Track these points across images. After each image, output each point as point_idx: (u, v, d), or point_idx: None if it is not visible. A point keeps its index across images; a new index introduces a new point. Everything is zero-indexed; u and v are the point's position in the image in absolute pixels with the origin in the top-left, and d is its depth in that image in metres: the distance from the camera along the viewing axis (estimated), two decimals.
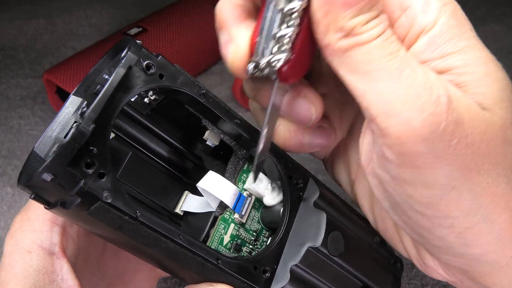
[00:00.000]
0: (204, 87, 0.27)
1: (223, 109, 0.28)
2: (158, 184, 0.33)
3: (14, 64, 0.66)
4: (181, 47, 0.62)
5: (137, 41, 0.25)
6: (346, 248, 0.30)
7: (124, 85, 0.24)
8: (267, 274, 0.28)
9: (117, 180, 0.23)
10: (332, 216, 0.31)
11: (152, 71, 0.25)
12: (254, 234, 0.31)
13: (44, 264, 0.26)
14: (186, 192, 0.33)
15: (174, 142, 0.33)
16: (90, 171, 0.22)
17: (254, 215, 0.31)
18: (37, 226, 0.26)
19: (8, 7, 0.73)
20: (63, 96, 0.58)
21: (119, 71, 0.24)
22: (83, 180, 0.22)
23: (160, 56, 0.26)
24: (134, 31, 0.61)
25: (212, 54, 0.66)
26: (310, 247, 0.29)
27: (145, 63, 0.25)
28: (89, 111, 0.22)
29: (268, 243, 0.31)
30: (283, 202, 0.30)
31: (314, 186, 0.31)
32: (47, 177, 0.21)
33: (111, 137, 0.27)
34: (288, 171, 0.30)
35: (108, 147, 0.23)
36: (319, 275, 0.30)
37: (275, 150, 0.30)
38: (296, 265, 0.29)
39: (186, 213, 0.33)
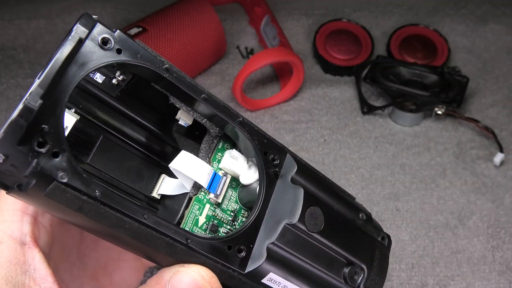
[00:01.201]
0: (167, 62, 0.26)
1: (189, 83, 0.27)
2: (133, 168, 0.31)
3: (14, 64, 0.66)
4: (181, 47, 0.62)
5: (93, 16, 0.24)
6: (326, 224, 0.29)
7: (77, 60, 0.23)
8: (242, 254, 0.27)
9: (74, 160, 0.22)
10: (311, 191, 0.30)
11: (109, 46, 0.24)
12: (232, 214, 0.30)
13: (15, 255, 0.26)
14: (163, 175, 0.32)
15: (148, 125, 0.32)
16: (43, 150, 0.21)
17: (231, 195, 0.30)
18: (7, 216, 0.26)
19: (8, 7, 0.73)
20: None
21: (67, 45, 0.22)
22: (36, 160, 0.21)
23: (118, 31, 0.24)
24: (134, 31, 0.61)
25: (212, 54, 0.66)
26: (286, 223, 0.28)
27: (100, 37, 0.24)
28: (34, 85, 0.21)
29: (243, 222, 0.30)
30: (259, 178, 0.29)
31: (292, 162, 0.30)
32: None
33: (76, 119, 0.26)
34: (263, 147, 0.29)
35: (62, 125, 0.22)
36: (298, 252, 0.29)
37: (248, 125, 0.29)
38: (272, 243, 0.28)
39: (164, 196, 0.32)
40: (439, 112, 0.63)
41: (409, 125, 0.64)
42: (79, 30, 0.23)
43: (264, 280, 0.28)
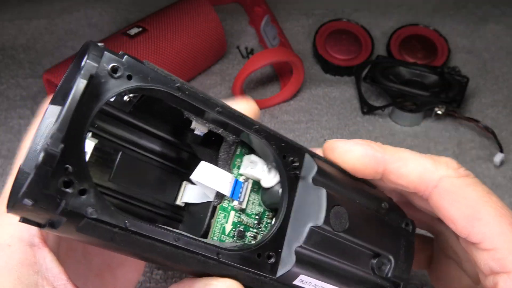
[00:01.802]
0: (178, 80, 0.26)
1: (202, 99, 0.27)
2: (154, 179, 0.32)
3: (14, 64, 0.66)
4: (181, 47, 0.62)
5: (99, 44, 0.24)
6: (351, 222, 0.29)
7: (91, 94, 0.23)
8: (271, 260, 0.28)
9: (100, 194, 0.23)
10: (333, 190, 0.30)
11: (119, 74, 0.24)
12: (257, 217, 0.31)
13: (26, 256, 0.26)
14: (185, 182, 0.32)
15: (164, 135, 0.32)
16: (70, 190, 0.21)
17: (254, 199, 0.31)
18: (14, 218, 0.27)
19: (8, 7, 0.73)
20: None
21: (79, 83, 0.22)
22: (64, 200, 0.21)
23: (126, 56, 0.25)
24: (134, 31, 0.61)
25: (212, 54, 0.66)
26: (312, 226, 0.28)
27: (109, 66, 0.24)
28: (54, 130, 0.21)
29: (269, 228, 0.30)
30: (280, 183, 0.29)
31: (311, 162, 0.30)
32: (28, 202, 0.20)
33: (95, 143, 0.27)
34: (281, 150, 0.29)
35: (85, 162, 0.22)
36: (326, 252, 0.29)
37: (265, 132, 0.29)
38: (300, 246, 0.28)
39: (188, 204, 0.32)
40: (439, 112, 0.63)
41: (409, 125, 0.64)
42: (89, 66, 0.23)
43: (296, 282, 0.29)
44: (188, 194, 0.32)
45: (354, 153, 0.31)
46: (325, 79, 0.69)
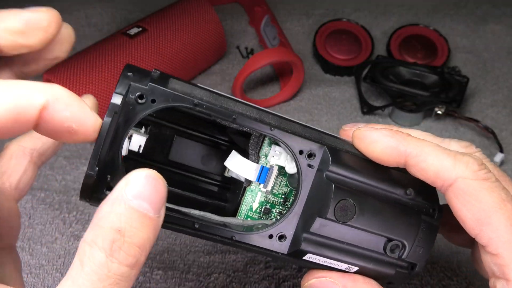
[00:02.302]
0: (195, 97, 0.30)
1: (218, 110, 0.31)
2: (205, 155, 0.39)
3: None
4: (181, 47, 0.62)
5: (128, 74, 0.29)
6: (359, 213, 0.32)
7: (122, 119, 0.28)
8: (282, 240, 0.32)
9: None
10: (345, 183, 0.33)
11: (144, 100, 0.29)
12: (283, 196, 0.36)
13: None
14: (233, 151, 0.36)
15: (209, 125, 0.39)
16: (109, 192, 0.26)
17: (281, 180, 0.35)
18: None
19: (8, 7, 0.73)
20: None
21: (106, 121, 0.28)
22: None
23: (149, 84, 0.29)
24: (134, 31, 0.61)
25: (212, 54, 0.66)
26: (318, 217, 0.31)
27: (136, 95, 0.29)
28: (90, 158, 0.28)
29: (283, 214, 0.35)
30: (297, 174, 0.33)
31: (328, 156, 0.32)
32: (84, 200, 0.29)
33: (146, 137, 0.32)
34: (297, 146, 0.32)
35: (122, 170, 0.28)
36: (332, 238, 0.32)
37: (281, 132, 0.32)
38: (308, 232, 0.32)
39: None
40: (439, 112, 0.63)
41: (409, 125, 0.64)
42: (112, 106, 0.28)
43: (305, 258, 0.33)
44: (230, 171, 0.37)
45: (379, 144, 0.32)
46: (325, 79, 0.69)
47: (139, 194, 0.25)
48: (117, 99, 0.28)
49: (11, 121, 0.25)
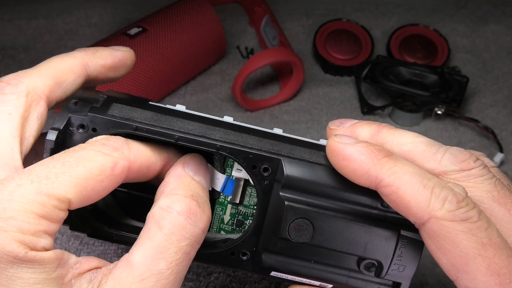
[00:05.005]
0: (135, 121, 0.30)
1: (160, 132, 0.30)
2: None
3: (14, 64, 0.66)
4: (181, 47, 0.62)
5: (69, 106, 0.30)
6: (318, 231, 0.30)
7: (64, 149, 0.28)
8: (245, 257, 0.32)
9: None
10: (300, 201, 0.30)
11: (85, 129, 0.30)
12: (255, 207, 0.34)
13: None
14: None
15: None
16: None
17: (251, 192, 0.34)
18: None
19: (8, 7, 0.73)
20: None
21: (44, 158, 0.28)
22: None
23: (89, 114, 0.30)
24: (134, 31, 0.61)
25: (212, 54, 0.66)
26: (274, 236, 0.30)
27: (76, 125, 0.30)
28: None
29: (242, 232, 0.34)
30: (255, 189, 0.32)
31: (283, 170, 0.30)
32: None
33: None
34: (249, 162, 0.30)
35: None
36: (292, 257, 0.31)
37: (228, 148, 0.30)
38: (267, 250, 0.31)
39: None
40: (439, 112, 0.63)
41: (409, 125, 0.64)
42: (48, 142, 0.29)
43: (272, 274, 0.32)
44: None
45: (351, 164, 0.28)
46: (325, 79, 0.69)
47: (196, 171, 0.30)
48: (52, 135, 0.29)
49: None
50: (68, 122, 0.30)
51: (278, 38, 0.70)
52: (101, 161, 0.27)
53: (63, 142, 0.30)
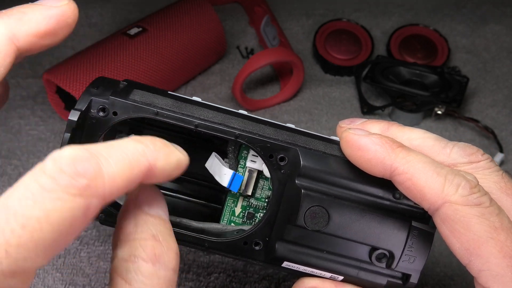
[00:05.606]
0: (156, 106, 0.31)
1: (179, 118, 0.31)
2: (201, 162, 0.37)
3: (14, 64, 0.66)
4: (181, 47, 0.62)
5: (91, 89, 0.30)
6: (334, 220, 0.30)
7: (88, 134, 0.30)
8: (257, 247, 0.31)
9: None
10: (316, 189, 0.31)
11: (105, 113, 0.30)
12: (266, 200, 0.35)
13: None
14: (213, 153, 0.35)
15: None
16: None
17: (263, 184, 0.35)
18: None
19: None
20: (63, 96, 0.58)
21: (65, 137, 0.29)
22: None
23: (110, 97, 0.30)
24: (134, 31, 0.61)
25: (212, 54, 0.66)
26: (289, 225, 0.31)
27: (98, 108, 0.30)
28: None
29: (257, 221, 0.34)
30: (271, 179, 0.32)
31: (299, 160, 0.31)
32: None
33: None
34: (267, 151, 0.31)
35: None
36: (306, 246, 0.31)
37: (247, 136, 0.31)
38: (281, 239, 0.31)
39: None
40: (439, 112, 0.63)
41: (409, 125, 0.64)
42: (70, 122, 0.29)
43: (284, 265, 0.32)
44: (210, 163, 0.36)
45: (366, 154, 0.29)
46: (325, 79, 0.69)
47: (150, 203, 0.25)
48: (74, 116, 0.29)
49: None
50: (89, 105, 0.30)
51: (278, 38, 0.70)
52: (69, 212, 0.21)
53: (83, 123, 0.30)
